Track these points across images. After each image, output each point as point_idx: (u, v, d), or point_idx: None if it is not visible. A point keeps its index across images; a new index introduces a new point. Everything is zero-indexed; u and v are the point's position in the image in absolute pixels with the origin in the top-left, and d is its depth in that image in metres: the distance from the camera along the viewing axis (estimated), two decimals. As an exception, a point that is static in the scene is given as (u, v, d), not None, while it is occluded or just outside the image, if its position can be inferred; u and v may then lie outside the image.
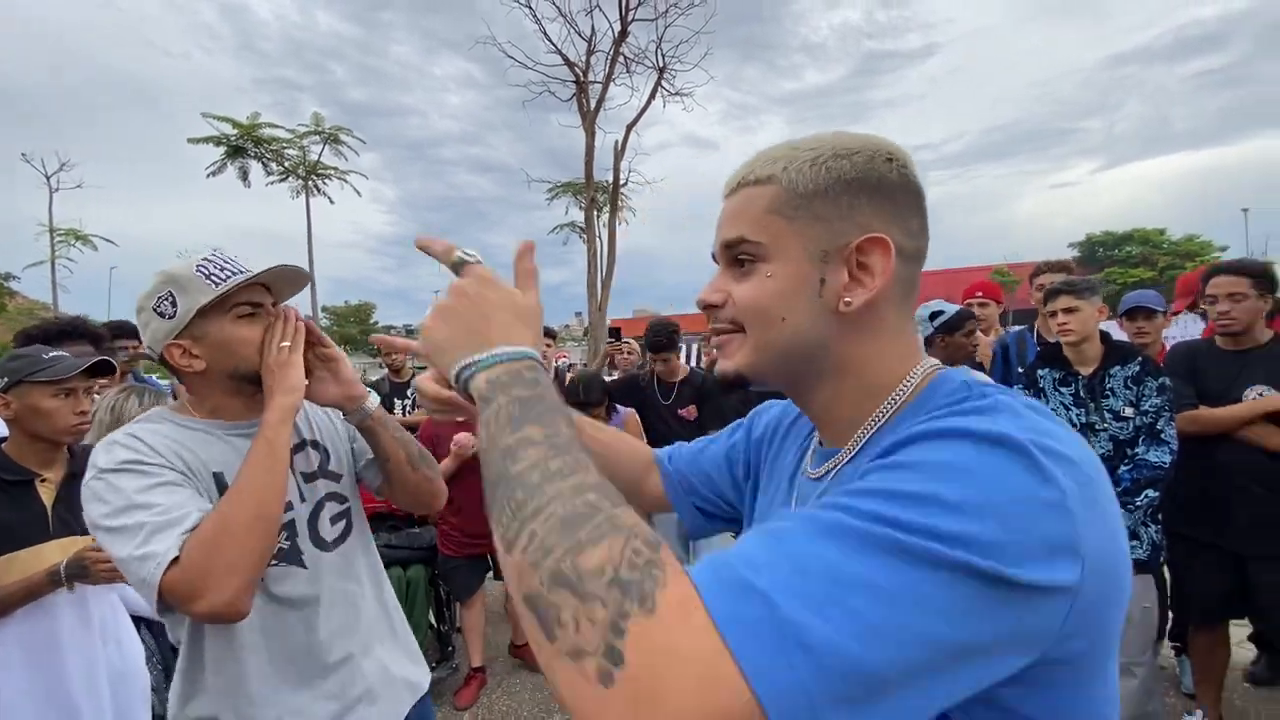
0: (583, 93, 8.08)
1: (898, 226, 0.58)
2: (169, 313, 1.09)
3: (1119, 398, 2.29)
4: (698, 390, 3.32)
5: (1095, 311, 2.35)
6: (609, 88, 8.17)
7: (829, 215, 0.57)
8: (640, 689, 0.37)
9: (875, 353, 0.60)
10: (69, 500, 1.65)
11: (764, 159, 0.61)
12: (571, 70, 8.05)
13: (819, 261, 0.57)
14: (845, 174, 0.57)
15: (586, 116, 8.13)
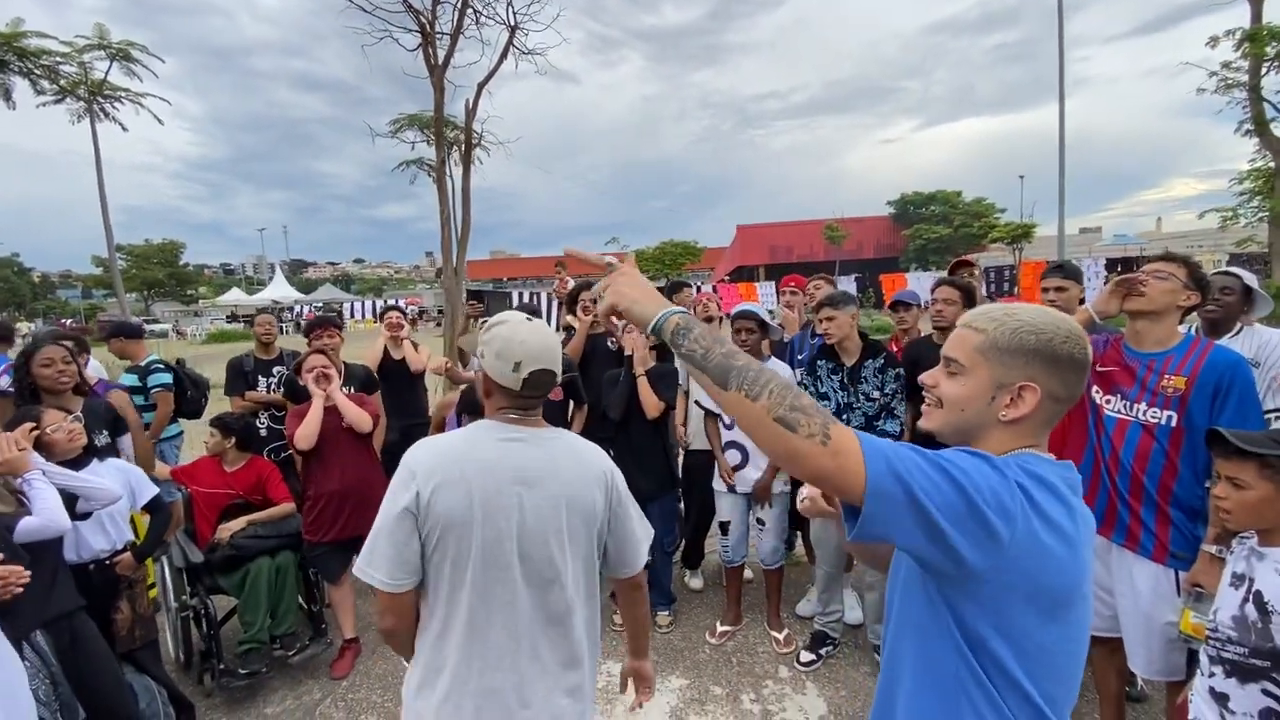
0: (429, 44, 7.72)
1: (1056, 381, 0.97)
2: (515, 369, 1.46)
3: (870, 384, 3.04)
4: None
5: (849, 318, 3.07)
6: (458, 41, 7.85)
7: (1010, 364, 0.98)
8: (837, 447, 0.86)
9: (1005, 440, 1.00)
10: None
11: (987, 316, 1.01)
12: (416, 19, 7.63)
13: (995, 386, 0.99)
14: (1030, 344, 0.97)
15: (434, 70, 7.80)
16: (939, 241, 39.35)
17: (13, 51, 13.14)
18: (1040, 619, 0.91)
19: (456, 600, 1.38)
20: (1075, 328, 0.98)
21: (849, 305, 3.04)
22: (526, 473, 1.41)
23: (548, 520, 1.41)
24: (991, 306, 1.05)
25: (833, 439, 0.86)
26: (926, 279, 23.97)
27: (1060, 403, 0.99)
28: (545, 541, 1.41)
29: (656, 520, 3.59)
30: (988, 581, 0.88)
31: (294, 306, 34.60)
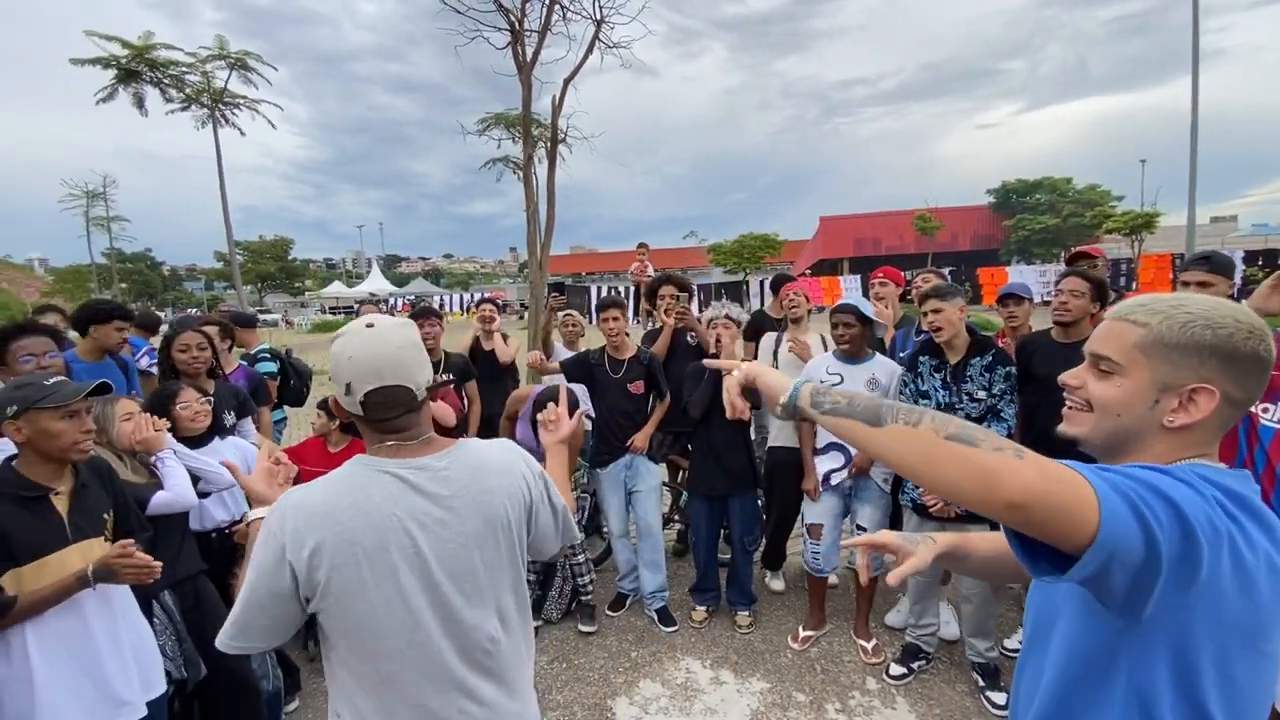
0: (518, 42, 7.87)
1: (1234, 383, 0.84)
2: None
3: (975, 383, 2.82)
4: (645, 367, 3.64)
5: (957, 311, 2.83)
6: (545, 38, 7.97)
7: (1180, 363, 0.85)
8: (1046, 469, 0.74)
9: (1170, 449, 0.88)
10: (81, 508, 1.87)
11: (1148, 309, 0.89)
12: (506, 17, 7.80)
13: (1159, 388, 0.87)
14: (1205, 340, 0.84)
15: (523, 68, 7.96)
16: (1044, 233, 36.55)
17: (144, 63, 14.58)
18: (1236, 651, 0.79)
19: (364, 674, 1.21)
20: (1258, 322, 0.85)
21: (956, 297, 2.82)
22: (417, 513, 1.20)
23: (458, 561, 1.23)
24: (1153, 297, 0.92)
25: (1028, 456, 0.75)
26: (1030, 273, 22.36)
27: (1237, 407, 0.86)
28: (458, 587, 1.23)
29: (737, 519, 3.53)
30: (1183, 609, 0.77)
31: (389, 299, 36.64)
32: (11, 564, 1.70)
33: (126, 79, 14.94)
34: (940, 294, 2.82)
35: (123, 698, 1.84)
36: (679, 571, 4.18)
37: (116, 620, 1.88)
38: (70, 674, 1.77)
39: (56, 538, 1.79)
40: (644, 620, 3.65)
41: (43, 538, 1.76)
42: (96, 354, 3.38)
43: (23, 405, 1.73)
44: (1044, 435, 2.97)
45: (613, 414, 3.57)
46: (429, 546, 1.20)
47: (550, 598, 3.59)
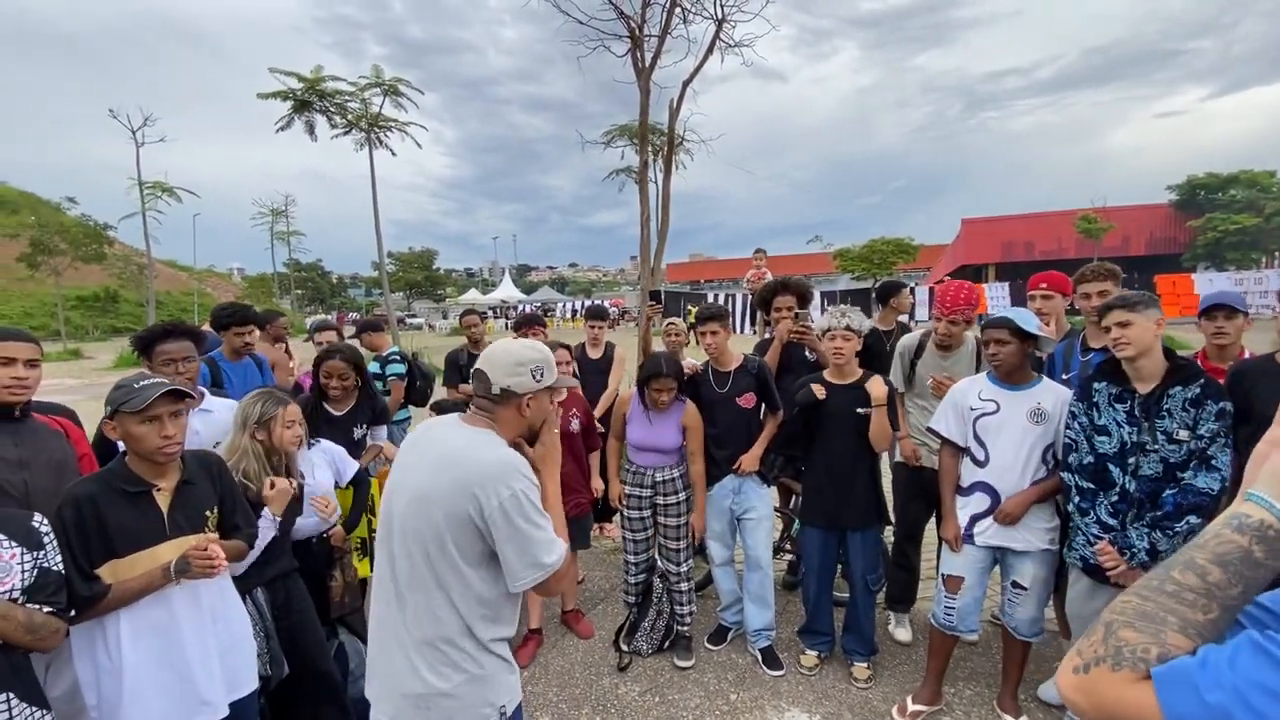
0: (638, 48, 7.82)
1: None
2: (538, 378, 1.63)
3: (1175, 419, 2.22)
4: (754, 377, 3.29)
5: (1153, 325, 2.25)
6: (665, 41, 7.85)
7: None
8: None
9: None
10: (183, 505, 1.91)
11: None
12: (626, 24, 7.78)
13: None
14: None
15: (642, 73, 7.89)
16: (1241, 234, 31.04)
17: (315, 93, 16.35)
18: None
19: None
20: None
21: (1150, 309, 2.24)
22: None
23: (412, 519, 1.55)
24: None
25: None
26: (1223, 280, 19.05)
27: None
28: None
29: (858, 556, 3.09)
30: None
31: (517, 305, 38.64)
32: (110, 555, 1.76)
33: (300, 108, 16.89)
34: (1129, 304, 2.24)
35: (205, 696, 1.85)
36: (787, 606, 3.79)
37: (204, 618, 1.90)
38: (158, 666, 1.80)
39: (154, 532, 1.83)
40: (746, 659, 3.32)
41: (141, 531, 1.80)
42: (233, 354, 3.69)
43: (113, 407, 1.80)
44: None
45: (720, 430, 3.27)
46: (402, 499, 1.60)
47: (642, 629, 3.36)
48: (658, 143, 11.76)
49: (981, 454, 2.64)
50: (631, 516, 3.34)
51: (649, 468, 3.26)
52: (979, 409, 2.65)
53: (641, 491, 3.28)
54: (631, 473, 3.32)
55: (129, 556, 1.78)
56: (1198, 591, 0.69)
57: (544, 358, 1.65)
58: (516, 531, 1.47)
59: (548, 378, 1.64)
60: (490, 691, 1.57)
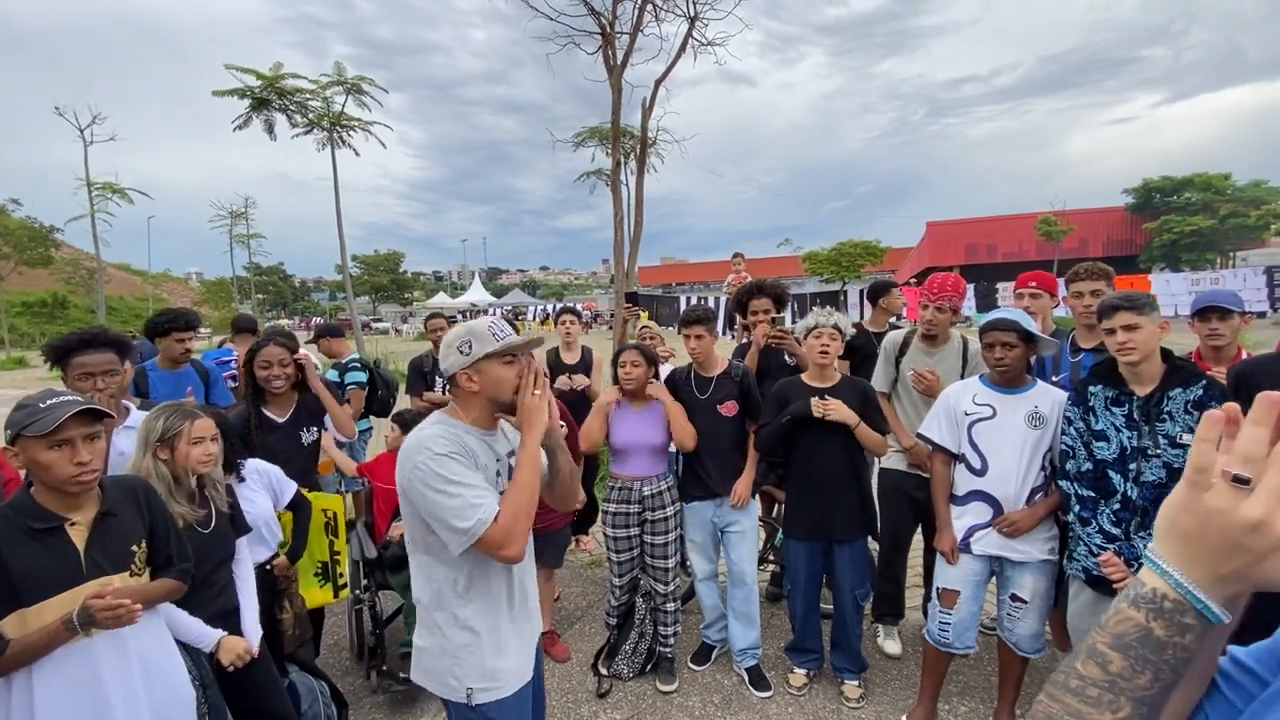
0: (609, 45, 7.67)
1: None
2: (466, 351, 1.65)
3: (1178, 422, 2.14)
4: (738, 385, 3.14)
5: (1157, 329, 2.17)
6: (637, 39, 7.72)
7: None
8: None
9: None
10: (103, 540, 1.67)
11: None
12: (597, 20, 7.62)
13: None
14: None
15: (613, 71, 7.74)
16: (1196, 236, 32.26)
17: (274, 91, 15.81)
18: None
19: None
20: None
21: (1155, 311, 2.15)
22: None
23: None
24: None
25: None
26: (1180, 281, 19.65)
27: None
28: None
29: (846, 569, 2.96)
30: None
31: (488, 309, 38.10)
32: (16, 604, 1.52)
33: (259, 107, 16.30)
34: (1136, 305, 2.14)
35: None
36: (773, 620, 3.66)
37: (132, 671, 1.67)
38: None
39: (69, 574, 1.59)
40: (732, 679, 3.17)
41: (52, 574, 1.57)
42: (170, 363, 3.40)
43: (15, 430, 1.55)
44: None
45: (701, 440, 3.11)
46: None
47: (623, 651, 3.18)
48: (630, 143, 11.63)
49: (978, 461, 2.53)
50: (618, 536, 3.14)
51: (636, 480, 3.08)
52: (974, 414, 2.54)
53: (629, 509, 3.10)
54: (617, 489, 3.13)
55: (39, 605, 1.54)
56: (1101, 686, 0.56)
57: (468, 331, 1.68)
58: (426, 501, 1.55)
59: (477, 348, 1.65)
60: (458, 667, 1.66)
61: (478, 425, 1.70)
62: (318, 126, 16.84)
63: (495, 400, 1.69)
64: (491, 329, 1.67)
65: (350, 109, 17.26)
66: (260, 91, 16.09)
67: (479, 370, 1.66)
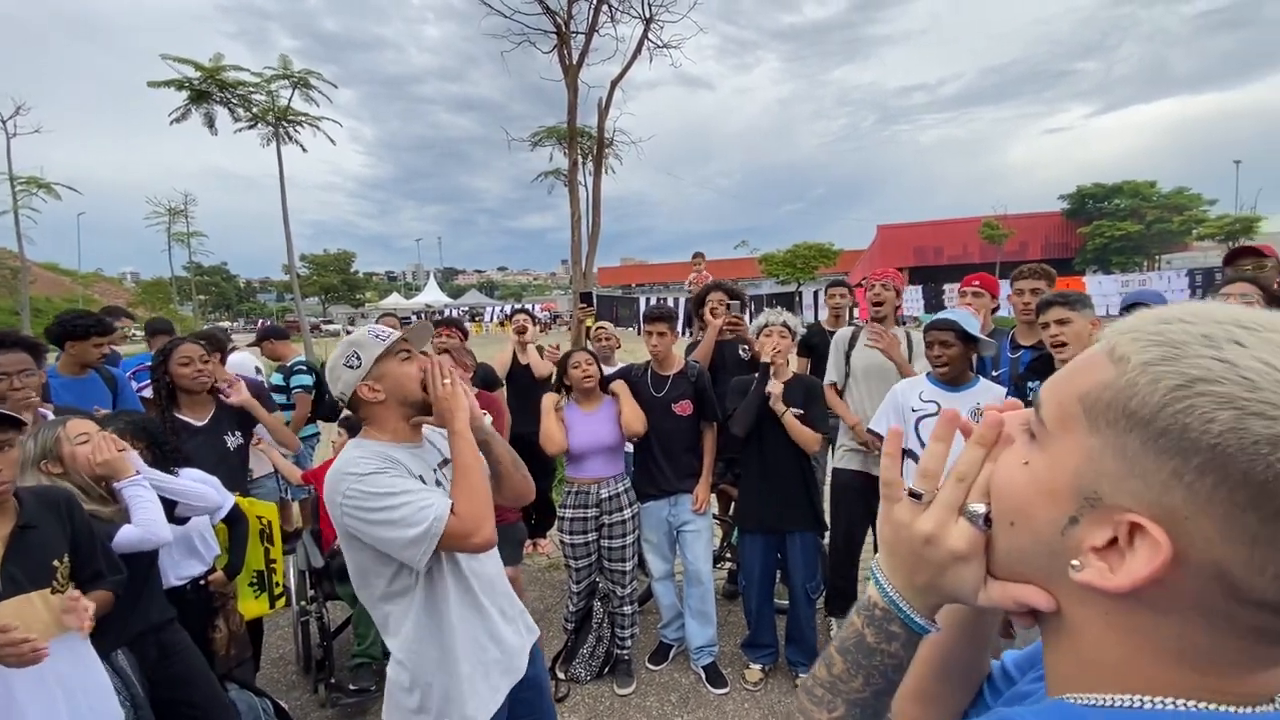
0: (565, 45, 7.63)
1: (1246, 553, 0.36)
2: (355, 364, 1.55)
3: (1106, 416, 2.25)
4: (693, 384, 3.18)
5: (1089, 324, 2.28)
6: (592, 39, 7.70)
7: (1140, 459, 0.39)
8: None
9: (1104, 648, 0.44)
10: (20, 556, 1.57)
11: (1147, 335, 0.41)
12: (552, 19, 7.57)
13: (1080, 496, 0.43)
14: (1210, 437, 0.36)
15: (569, 71, 7.70)
16: (1125, 240, 34.13)
17: (214, 83, 15.16)
18: None
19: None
20: None
21: (1088, 309, 2.27)
22: None
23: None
24: (1173, 311, 0.41)
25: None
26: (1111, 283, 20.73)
27: (1248, 607, 0.38)
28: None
29: (797, 562, 3.02)
30: None
31: (443, 310, 37.41)
32: (-79, 629, 1.41)
33: (198, 99, 15.58)
34: (1069, 302, 2.26)
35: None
36: (729, 617, 3.69)
37: (52, 695, 1.57)
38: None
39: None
40: (689, 678, 3.18)
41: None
42: (76, 369, 3.16)
43: None
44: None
45: (656, 438, 3.12)
46: None
47: (580, 655, 3.16)
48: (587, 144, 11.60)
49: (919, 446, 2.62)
50: (575, 543, 3.10)
51: (593, 484, 3.06)
52: (920, 410, 2.62)
53: (586, 513, 3.08)
54: (574, 493, 3.11)
55: None
56: (824, 686, 0.60)
57: (349, 344, 1.60)
58: (369, 528, 1.45)
59: (366, 355, 1.56)
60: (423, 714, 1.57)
61: (398, 439, 1.60)
62: (262, 121, 16.22)
63: (405, 402, 1.59)
64: (372, 332, 1.60)
65: (297, 104, 16.69)
66: (199, 83, 15.39)
67: (378, 377, 1.56)
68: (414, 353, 1.63)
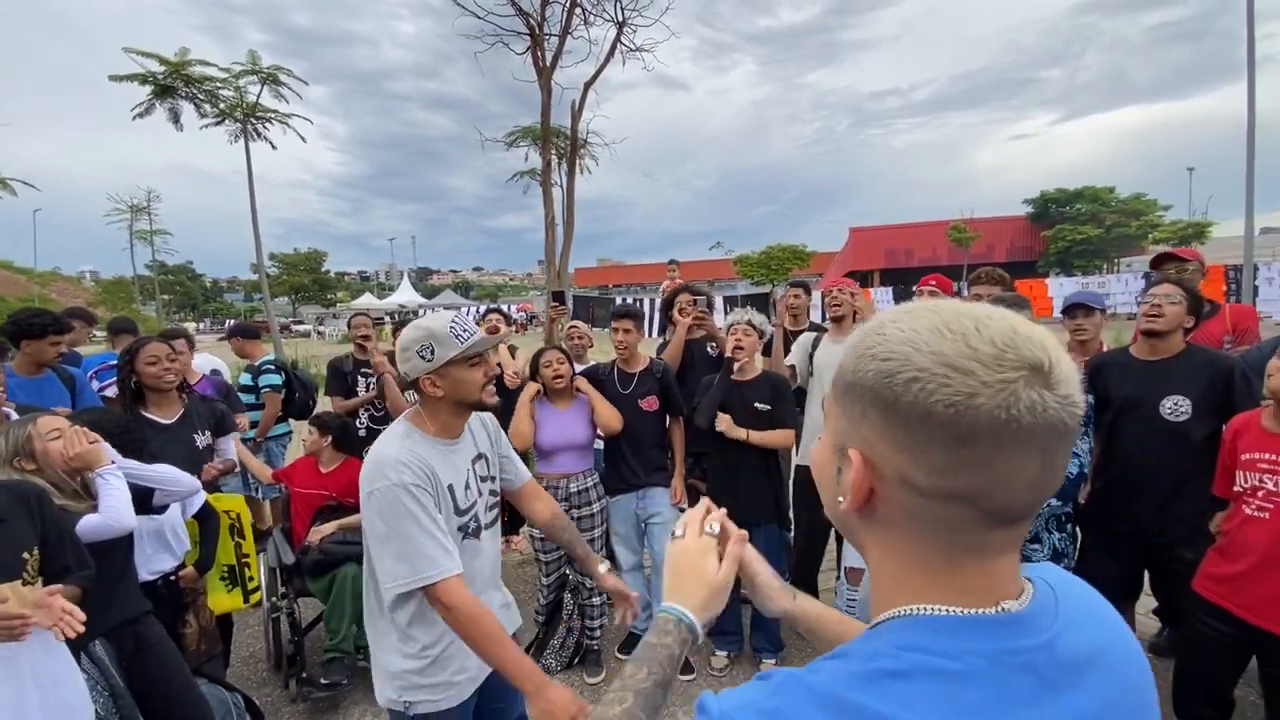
0: (538, 47, 7.68)
1: (908, 456, 0.50)
2: (428, 357, 1.56)
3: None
4: (659, 380, 3.29)
5: (1027, 325, 2.43)
6: (566, 41, 7.77)
7: (848, 410, 0.54)
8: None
9: (884, 565, 0.57)
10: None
11: (863, 327, 0.56)
12: (525, 21, 7.62)
13: (837, 448, 0.57)
14: (866, 379, 0.51)
15: (542, 72, 7.76)
16: (1086, 243, 35.22)
17: (180, 79, 14.86)
18: None
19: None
20: (980, 354, 0.47)
21: (1025, 309, 2.42)
22: None
23: None
24: (879, 314, 0.56)
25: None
26: (1072, 285, 21.44)
27: (933, 499, 0.50)
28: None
29: (761, 553, 3.12)
30: None
31: (418, 310, 36.97)
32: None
33: (162, 94, 15.26)
34: (1006, 303, 2.41)
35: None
36: (698, 608, 3.79)
37: (24, 686, 1.59)
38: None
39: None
40: (658, 666, 3.28)
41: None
42: (32, 368, 3.14)
43: None
44: (1121, 468, 2.55)
45: (624, 434, 3.21)
46: None
47: (551, 646, 3.23)
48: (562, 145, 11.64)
49: None
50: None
51: (562, 479, 3.14)
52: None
53: None
54: (544, 488, 3.18)
55: None
56: (616, 688, 0.79)
57: (428, 334, 1.56)
58: (375, 527, 1.50)
59: (440, 353, 1.55)
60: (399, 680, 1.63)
61: (442, 435, 1.65)
62: (230, 118, 15.93)
63: (462, 402, 1.63)
64: (454, 330, 1.57)
65: (266, 100, 16.44)
66: (164, 78, 15.08)
67: (443, 375, 1.57)
68: (484, 357, 1.63)
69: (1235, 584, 2.09)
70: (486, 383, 1.63)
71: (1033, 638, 0.50)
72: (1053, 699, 0.49)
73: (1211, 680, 2.22)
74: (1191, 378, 2.42)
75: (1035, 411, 0.45)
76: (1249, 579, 2.05)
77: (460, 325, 1.60)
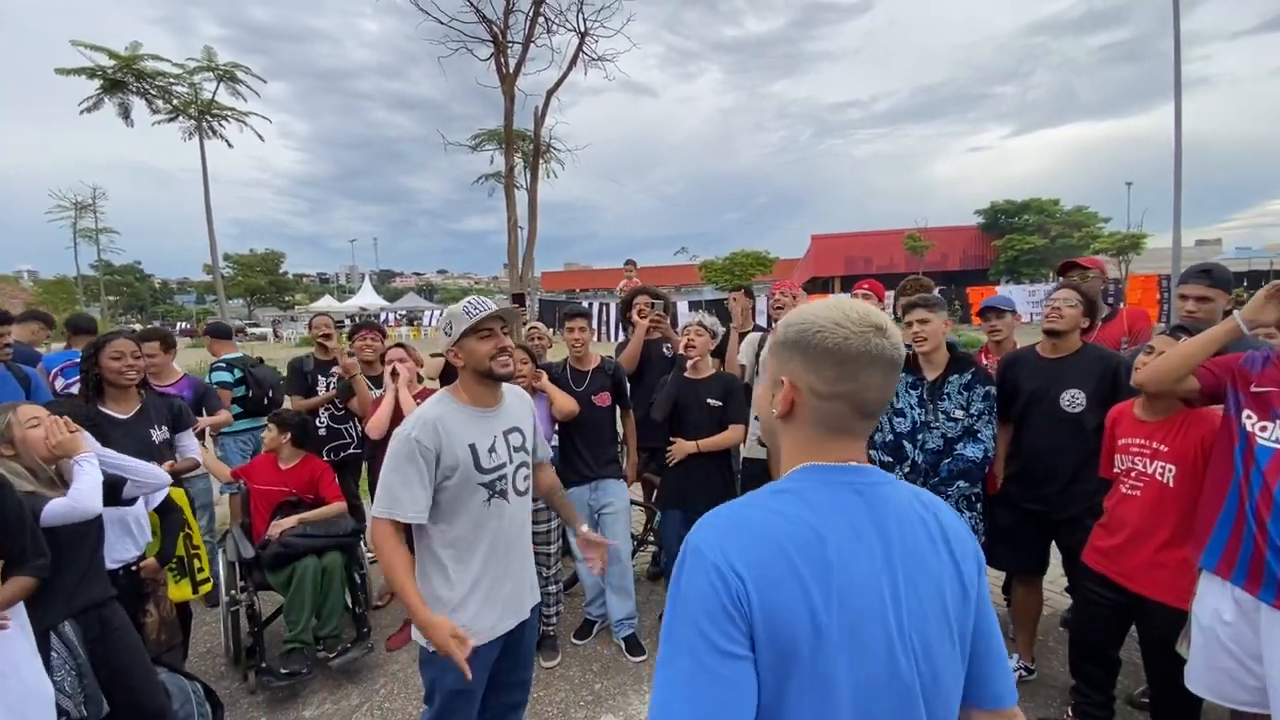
0: (501, 53, 7.80)
1: (813, 374, 0.88)
2: (449, 333, 1.88)
3: (952, 401, 2.66)
4: (610, 377, 3.48)
5: (943, 324, 2.69)
6: (529, 49, 7.90)
7: (781, 358, 0.93)
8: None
9: (789, 446, 0.94)
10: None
11: (790, 314, 0.94)
12: (489, 28, 7.73)
13: (774, 385, 0.94)
14: (789, 337, 0.91)
15: (506, 79, 7.87)
16: (1033, 253, 36.79)
17: (131, 73, 14.46)
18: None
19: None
20: (854, 319, 0.87)
21: (943, 309, 2.67)
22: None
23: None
24: (807, 305, 0.98)
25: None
26: (1020, 292, 22.44)
27: (827, 400, 0.89)
28: None
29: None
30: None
31: (379, 314, 36.36)
32: None
33: (112, 89, 14.81)
34: (928, 304, 2.67)
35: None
36: (652, 596, 3.97)
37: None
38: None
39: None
40: (611, 649, 3.44)
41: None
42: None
43: None
44: (1029, 454, 2.82)
45: (577, 428, 3.38)
46: None
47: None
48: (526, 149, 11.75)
49: None
50: None
51: None
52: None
53: None
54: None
55: None
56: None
57: (449, 314, 1.90)
58: (385, 460, 1.80)
59: (456, 327, 1.85)
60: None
61: (474, 402, 1.91)
62: (183, 114, 15.55)
63: (478, 370, 1.87)
64: (467, 309, 1.87)
65: (222, 97, 16.10)
66: (114, 72, 14.64)
67: (461, 347, 1.86)
68: (495, 331, 1.87)
69: (1115, 555, 2.36)
70: (495, 354, 1.86)
71: (864, 478, 0.88)
72: (869, 509, 0.85)
73: (1099, 642, 2.48)
74: (1086, 373, 2.71)
75: (880, 348, 0.85)
76: (1125, 550, 2.33)
77: (474, 304, 1.88)
